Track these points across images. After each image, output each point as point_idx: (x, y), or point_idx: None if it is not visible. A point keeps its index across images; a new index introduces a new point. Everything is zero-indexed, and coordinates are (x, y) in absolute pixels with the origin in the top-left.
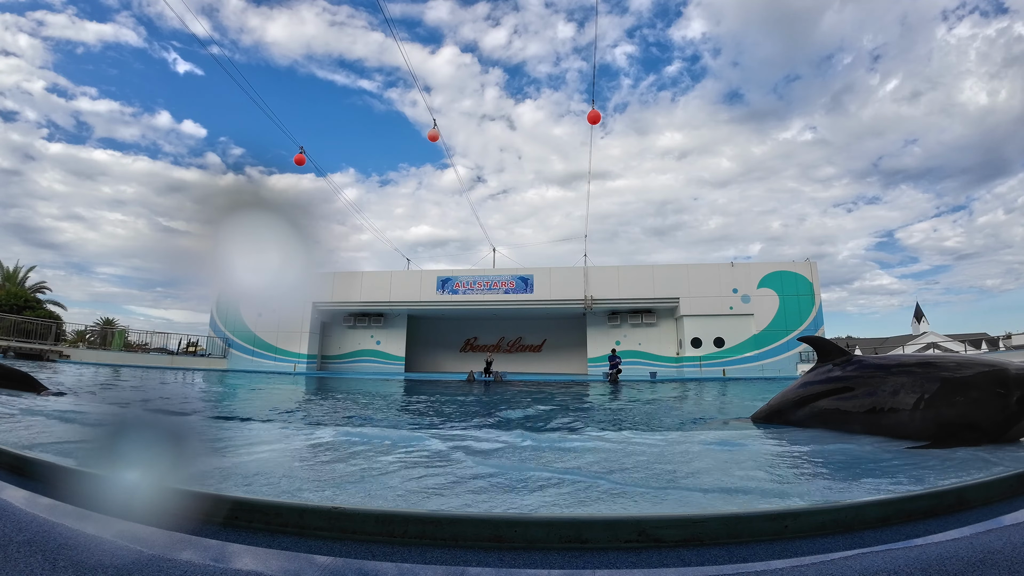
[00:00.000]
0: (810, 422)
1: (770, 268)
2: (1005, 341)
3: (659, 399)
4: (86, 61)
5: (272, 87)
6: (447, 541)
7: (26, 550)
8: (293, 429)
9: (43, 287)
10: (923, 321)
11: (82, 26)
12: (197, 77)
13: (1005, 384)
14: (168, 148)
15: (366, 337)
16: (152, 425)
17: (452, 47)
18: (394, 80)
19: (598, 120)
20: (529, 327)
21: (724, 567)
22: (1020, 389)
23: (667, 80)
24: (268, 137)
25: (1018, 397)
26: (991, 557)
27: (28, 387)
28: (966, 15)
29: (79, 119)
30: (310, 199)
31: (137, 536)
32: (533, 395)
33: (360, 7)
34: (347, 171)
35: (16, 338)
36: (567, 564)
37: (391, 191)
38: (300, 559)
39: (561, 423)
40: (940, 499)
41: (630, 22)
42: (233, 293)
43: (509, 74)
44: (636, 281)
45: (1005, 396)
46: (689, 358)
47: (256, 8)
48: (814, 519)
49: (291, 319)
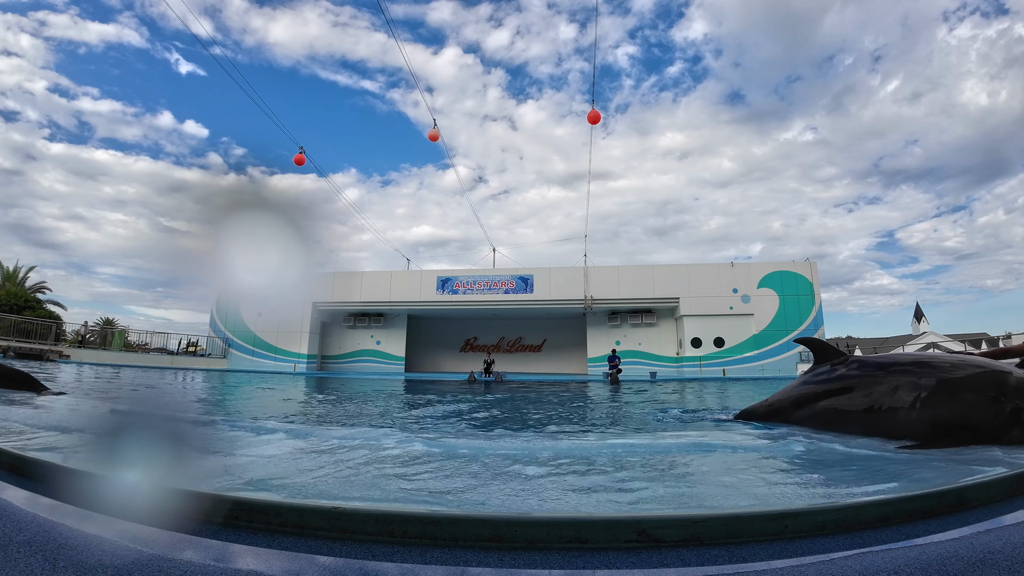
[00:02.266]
0: (808, 422)
1: (770, 268)
2: (1005, 341)
3: (658, 399)
4: (88, 61)
5: (274, 88)
6: (447, 541)
7: (26, 550)
8: (293, 429)
9: (43, 287)
10: (923, 321)
11: (84, 26)
12: (199, 78)
13: (1003, 389)
14: (170, 148)
15: (366, 337)
16: (152, 425)
17: (455, 48)
18: (396, 81)
19: (598, 120)
20: (529, 327)
21: (724, 567)
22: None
23: (669, 81)
24: (270, 137)
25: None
26: (991, 557)
27: (28, 387)
28: (967, 16)
29: (81, 119)
30: (311, 199)
31: (137, 536)
32: (531, 395)
33: (363, 8)
34: (349, 171)
35: (16, 338)
36: (567, 564)
37: (392, 191)
38: (301, 559)
39: (561, 422)
40: (940, 499)
41: (632, 23)
42: (234, 293)
43: (511, 75)
44: (636, 281)
45: (1001, 402)
46: (689, 358)
47: (259, 9)
48: (814, 519)
49: (291, 319)
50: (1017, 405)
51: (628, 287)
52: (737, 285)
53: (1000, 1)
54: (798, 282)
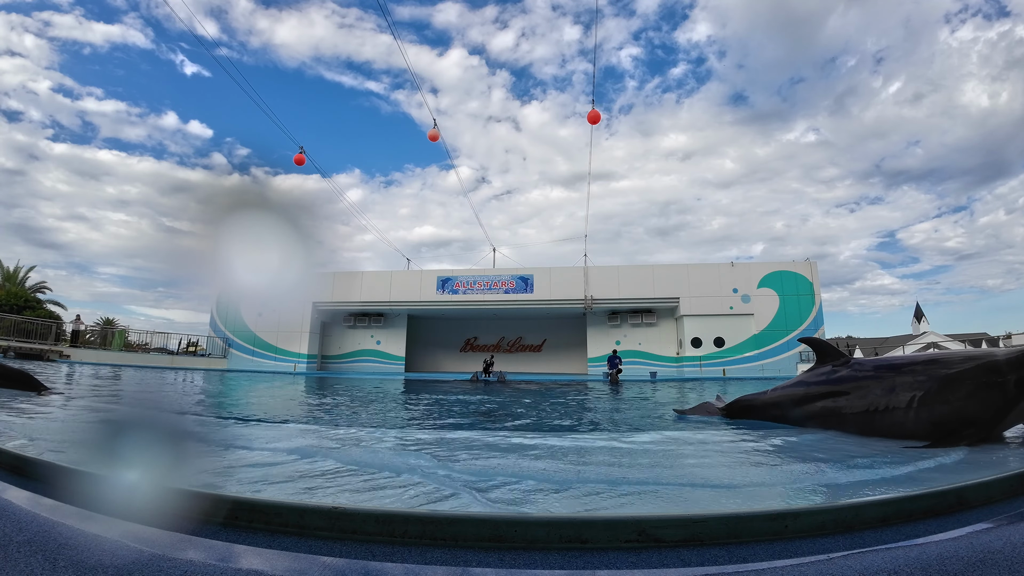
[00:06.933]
0: (807, 422)
1: (770, 268)
2: (1005, 341)
3: (658, 399)
4: (92, 62)
5: (279, 89)
6: (447, 541)
7: (26, 550)
8: (294, 429)
9: (43, 287)
10: (923, 321)
11: (89, 27)
12: (205, 78)
13: (997, 371)
14: (174, 148)
15: (366, 337)
16: (152, 425)
17: (460, 49)
18: (401, 82)
19: (598, 120)
20: (529, 327)
21: (724, 567)
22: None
23: (672, 82)
24: (274, 138)
25: (1015, 380)
26: (991, 557)
27: (29, 387)
28: (968, 18)
29: (84, 119)
30: (314, 200)
31: (137, 536)
32: (529, 395)
33: (369, 9)
34: (352, 172)
35: (16, 338)
36: (567, 564)
37: (396, 191)
38: (303, 559)
39: (561, 422)
40: (940, 499)
41: (636, 25)
42: (234, 293)
43: (516, 76)
44: (636, 281)
45: (999, 384)
46: (689, 358)
47: (265, 10)
48: (814, 519)
49: (291, 319)
50: (1018, 378)
51: (628, 287)
52: (737, 285)
53: (1002, 3)
54: (798, 282)
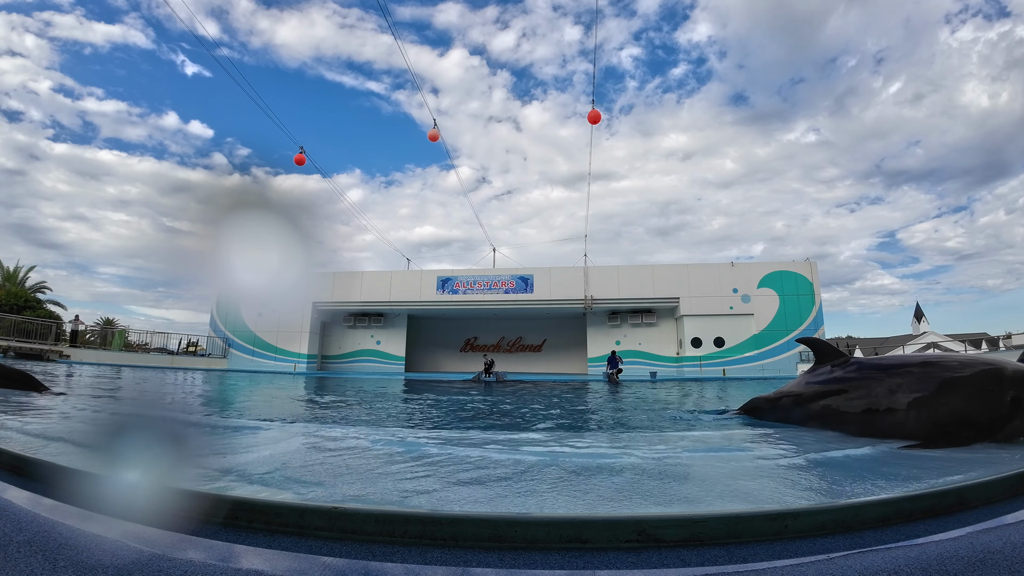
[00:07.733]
0: (809, 422)
1: (770, 268)
2: (1005, 341)
3: (659, 399)
4: (93, 62)
5: (280, 89)
6: (447, 541)
7: (26, 550)
8: (294, 429)
9: (43, 287)
10: (923, 321)
11: (90, 27)
12: (205, 79)
13: (1000, 382)
14: (174, 148)
15: (366, 337)
16: (152, 425)
17: (461, 50)
18: (402, 82)
19: (598, 120)
20: (529, 327)
21: (724, 567)
22: (1015, 388)
23: (673, 82)
24: (274, 138)
25: (1012, 396)
26: (991, 557)
27: (29, 387)
28: (968, 18)
29: (85, 119)
30: (314, 200)
31: (137, 536)
32: (527, 395)
33: (370, 10)
34: (353, 172)
35: (16, 338)
36: (567, 564)
37: (396, 191)
38: (303, 559)
39: (562, 421)
40: (940, 499)
41: (637, 25)
42: (235, 293)
43: (516, 76)
44: (636, 281)
45: (999, 394)
46: (689, 358)
47: (266, 11)
48: (814, 519)
49: (291, 319)
50: (1016, 395)
51: (628, 287)
52: (737, 285)
53: (1002, 4)
54: (798, 282)
